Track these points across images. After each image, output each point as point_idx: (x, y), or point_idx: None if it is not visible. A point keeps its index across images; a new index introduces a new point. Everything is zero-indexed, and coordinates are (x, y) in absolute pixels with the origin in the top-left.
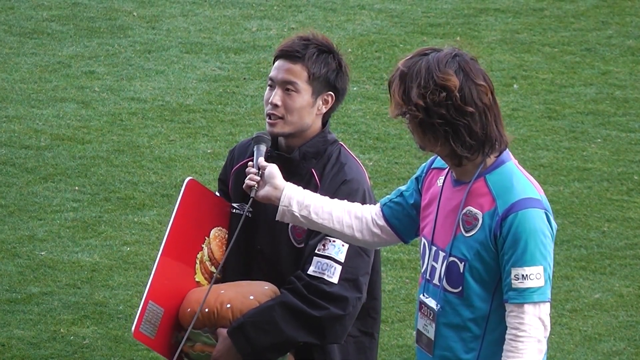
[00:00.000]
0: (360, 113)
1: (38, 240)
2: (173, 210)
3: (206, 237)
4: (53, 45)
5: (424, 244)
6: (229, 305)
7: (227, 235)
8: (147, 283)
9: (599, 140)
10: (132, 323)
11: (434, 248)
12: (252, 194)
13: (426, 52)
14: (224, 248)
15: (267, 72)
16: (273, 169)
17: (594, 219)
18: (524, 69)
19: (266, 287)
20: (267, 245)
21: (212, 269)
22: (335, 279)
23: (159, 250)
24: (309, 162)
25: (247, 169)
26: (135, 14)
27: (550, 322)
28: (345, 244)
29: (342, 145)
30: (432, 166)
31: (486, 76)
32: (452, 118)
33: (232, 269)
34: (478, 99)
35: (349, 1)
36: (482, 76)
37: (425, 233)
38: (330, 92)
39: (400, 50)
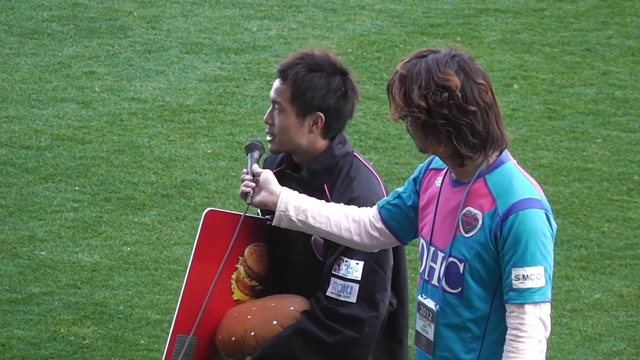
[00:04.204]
0: (360, 113)
1: (38, 240)
2: (193, 244)
3: (239, 257)
4: (53, 45)
5: (422, 244)
6: (252, 333)
7: (265, 249)
8: (172, 318)
9: (599, 140)
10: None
11: (432, 248)
12: (248, 201)
13: (424, 54)
14: (264, 261)
15: (267, 73)
16: (268, 175)
17: (594, 219)
18: (524, 69)
19: (291, 308)
20: (298, 256)
21: (253, 283)
22: (353, 298)
23: (182, 285)
24: (321, 179)
25: (241, 176)
26: (135, 14)
27: (551, 322)
28: (359, 262)
29: (355, 156)
30: (430, 167)
31: (485, 75)
32: (454, 118)
33: (271, 281)
34: (479, 97)
35: (349, 1)
36: (481, 75)
37: (423, 234)
38: (319, 113)
39: (400, 51)
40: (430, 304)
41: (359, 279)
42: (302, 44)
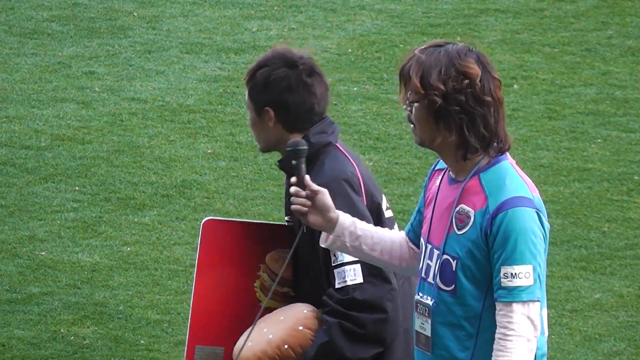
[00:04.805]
0: (361, 113)
1: (38, 240)
2: (196, 256)
3: (261, 265)
4: (53, 45)
5: (422, 242)
6: (286, 346)
7: (287, 254)
8: (186, 330)
9: (599, 140)
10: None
11: (429, 246)
12: (304, 221)
13: (440, 44)
14: (289, 266)
15: None
16: (326, 200)
17: (594, 219)
18: (524, 69)
19: (305, 311)
20: (308, 257)
21: (285, 289)
22: (360, 278)
23: (191, 296)
24: None
25: (293, 189)
26: (135, 14)
27: (549, 322)
28: None
29: (336, 146)
30: (435, 168)
31: (497, 72)
32: (469, 107)
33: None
34: (494, 92)
35: (349, 1)
36: (495, 71)
37: (422, 232)
38: (266, 108)
39: (400, 51)
40: (427, 300)
41: (358, 259)
42: (302, 44)
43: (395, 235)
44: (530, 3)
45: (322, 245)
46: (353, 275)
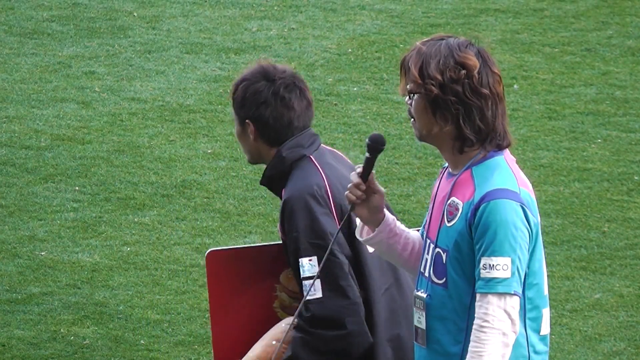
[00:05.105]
0: (361, 113)
1: (38, 240)
2: (207, 288)
3: (276, 285)
4: (53, 45)
5: (423, 237)
6: None
7: None
8: None
9: (599, 140)
10: None
11: (427, 241)
12: (351, 210)
13: (443, 37)
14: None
15: None
16: (380, 201)
17: (594, 219)
18: (524, 69)
19: (283, 325)
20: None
21: None
22: (319, 293)
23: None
24: (278, 183)
25: (353, 177)
26: (135, 14)
27: (552, 322)
28: (312, 257)
29: (310, 157)
30: (443, 166)
31: (499, 69)
32: (466, 98)
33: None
34: (493, 85)
35: (349, 1)
36: (496, 67)
37: (424, 227)
38: (247, 121)
39: (400, 51)
40: (423, 293)
41: (318, 273)
42: (302, 44)
43: (419, 238)
44: (530, 3)
45: (358, 238)
46: (313, 290)
